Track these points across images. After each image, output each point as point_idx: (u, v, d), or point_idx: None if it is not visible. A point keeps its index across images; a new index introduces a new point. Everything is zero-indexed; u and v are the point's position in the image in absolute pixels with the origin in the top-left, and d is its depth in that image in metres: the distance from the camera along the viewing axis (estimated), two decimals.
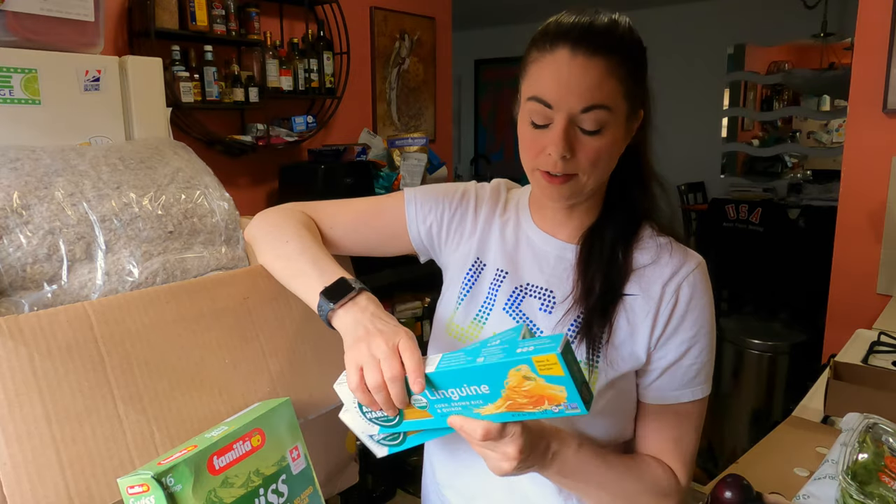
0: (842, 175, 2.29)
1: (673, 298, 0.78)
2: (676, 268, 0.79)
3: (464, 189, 0.94)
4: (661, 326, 0.79)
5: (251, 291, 0.92)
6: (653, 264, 0.80)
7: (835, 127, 5.80)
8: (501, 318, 0.85)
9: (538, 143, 0.75)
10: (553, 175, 0.75)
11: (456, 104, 6.33)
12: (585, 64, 0.70)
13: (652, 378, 0.81)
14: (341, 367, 0.72)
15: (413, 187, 0.95)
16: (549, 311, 0.83)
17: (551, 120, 0.73)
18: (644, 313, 0.79)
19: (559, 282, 0.84)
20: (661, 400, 0.81)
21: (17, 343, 0.68)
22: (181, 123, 2.38)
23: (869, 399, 1.20)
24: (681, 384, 0.80)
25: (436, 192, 0.94)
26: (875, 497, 0.86)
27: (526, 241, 0.88)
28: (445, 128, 3.73)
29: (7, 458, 0.65)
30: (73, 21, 1.28)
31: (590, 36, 0.71)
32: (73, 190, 0.92)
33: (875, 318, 1.88)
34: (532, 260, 0.87)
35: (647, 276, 0.80)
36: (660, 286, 0.79)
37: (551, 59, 0.72)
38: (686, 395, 0.80)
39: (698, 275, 0.80)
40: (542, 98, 0.72)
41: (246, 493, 0.71)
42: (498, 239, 0.89)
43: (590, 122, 0.72)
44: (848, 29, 4.11)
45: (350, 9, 2.97)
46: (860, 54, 2.18)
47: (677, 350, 0.79)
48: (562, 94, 0.71)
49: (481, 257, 0.90)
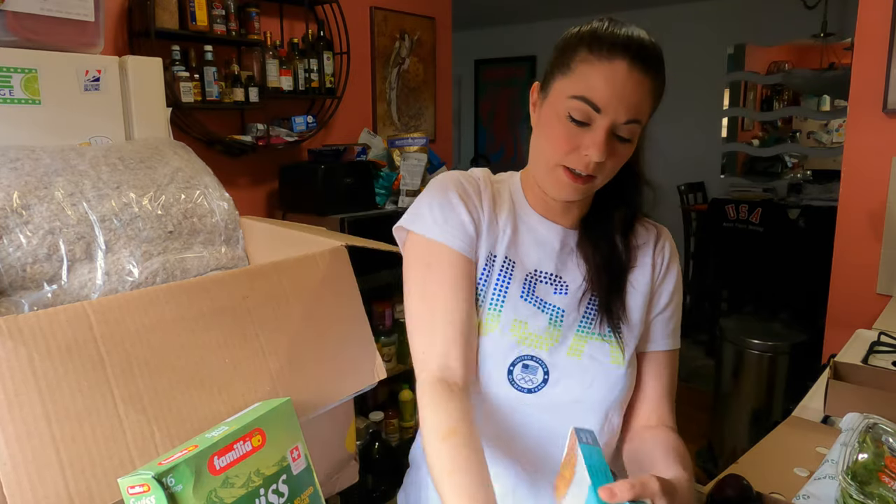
0: (842, 175, 2.28)
1: (660, 260, 0.93)
2: (656, 235, 0.94)
3: (454, 191, 0.88)
4: (655, 283, 0.92)
5: (251, 291, 0.92)
6: (641, 242, 0.93)
7: (835, 127, 5.80)
8: (517, 305, 0.87)
9: (573, 140, 0.78)
10: (577, 175, 0.80)
11: (456, 104, 6.35)
12: (640, 80, 0.76)
13: (652, 326, 0.92)
14: (341, 367, 0.72)
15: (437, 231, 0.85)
16: (564, 292, 0.89)
17: (592, 121, 0.77)
18: (644, 281, 0.91)
19: (565, 266, 0.90)
20: (654, 346, 0.93)
21: (16, 343, 0.68)
22: (181, 123, 2.38)
23: (869, 399, 1.19)
24: (666, 333, 0.93)
25: (449, 214, 0.87)
26: (875, 497, 0.86)
27: (527, 229, 0.90)
28: (445, 128, 3.73)
29: (7, 458, 0.65)
30: (73, 21, 1.28)
31: (645, 54, 0.76)
32: (73, 190, 0.92)
33: (875, 318, 1.88)
34: (536, 247, 0.89)
35: (640, 250, 0.92)
36: (650, 255, 0.92)
37: (609, 66, 0.75)
38: (670, 344, 0.93)
39: (669, 238, 0.96)
40: (592, 100, 0.76)
41: (246, 494, 0.71)
42: (500, 229, 0.90)
43: (626, 132, 0.78)
44: (848, 29, 4.11)
45: (350, 9, 2.97)
46: (860, 54, 2.18)
47: (664, 300, 0.93)
48: (613, 103, 0.76)
49: (490, 250, 0.90)
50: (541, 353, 0.86)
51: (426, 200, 0.88)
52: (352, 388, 1.01)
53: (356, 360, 1.05)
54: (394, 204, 2.76)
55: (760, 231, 3.92)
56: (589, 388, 0.87)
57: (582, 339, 0.88)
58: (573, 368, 0.87)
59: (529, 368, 0.86)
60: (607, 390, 0.87)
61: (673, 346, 0.94)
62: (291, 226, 1.29)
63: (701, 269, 4.51)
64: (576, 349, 0.87)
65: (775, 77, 5.29)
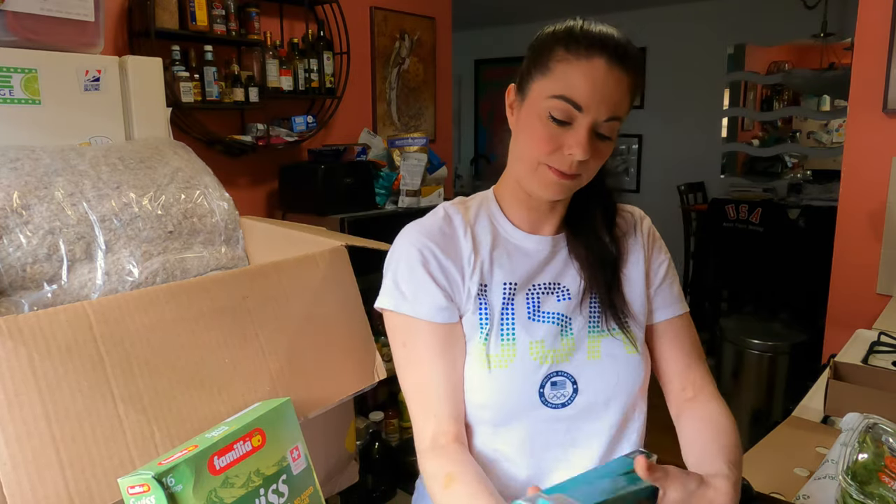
0: (842, 175, 2.28)
1: (645, 240, 0.94)
2: (633, 219, 0.96)
3: (416, 259, 0.85)
4: (648, 264, 0.94)
5: (251, 291, 0.92)
6: (625, 230, 0.94)
7: (835, 127, 5.80)
8: (529, 327, 0.86)
9: (555, 140, 0.78)
10: (563, 173, 0.79)
11: (456, 104, 6.34)
12: (620, 78, 0.76)
13: (653, 301, 0.94)
14: (341, 367, 0.72)
15: (406, 306, 0.84)
16: (567, 297, 0.89)
17: (574, 120, 0.77)
18: (639, 268, 0.93)
19: (561, 271, 0.90)
20: (665, 314, 0.94)
21: (16, 343, 0.68)
22: (181, 123, 2.38)
23: (869, 399, 1.19)
24: (671, 299, 0.95)
25: (414, 286, 0.85)
26: (875, 497, 0.86)
27: (514, 247, 0.89)
28: (445, 128, 3.73)
29: (7, 458, 0.65)
30: (73, 21, 1.28)
31: (624, 52, 0.77)
32: (73, 190, 0.92)
33: (875, 318, 1.88)
34: (529, 262, 0.89)
35: (626, 239, 0.94)
36: (637, 240, 0.94)
37: (588, 64, 0.76)
38: (678, 309, 0.95)
39: (643, 216, 0.98)
40: (573, 99, 0.76)
41: (246, 493, 0.71)
42: (488, 255, 0.88)
43: (607, 130, 0.79)
44: (848, 29, 4.11)
45: (350, 9, 2.97)
46: (860, 54, 2.18)
47: (661, 271, 0.95)
48: (594, 101, 0.76)
49: (482, 281, 0.87)
50: (565, 366, 0.86)
51: (391, 275, 0.87)
52: (352, 388, 1.01)
53: (356, 361, 1.05)
54: (394, 204, 2.76)
55: (760, 231, 3.91)
56: (616, 386, 0.87)
57: (595, 339, 0.88)
58: (596, 370, 0.87)
59: (558, 385, 0.86)
60: (632, 382, 0.88)
61: (682, 310, 0.95)
62: (291, 226, 1.29)
63: (701, 269, 4.51)
64: (593, 350, 0.88)
65: (775, 77, 5.29)
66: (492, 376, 0.85)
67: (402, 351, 0.87)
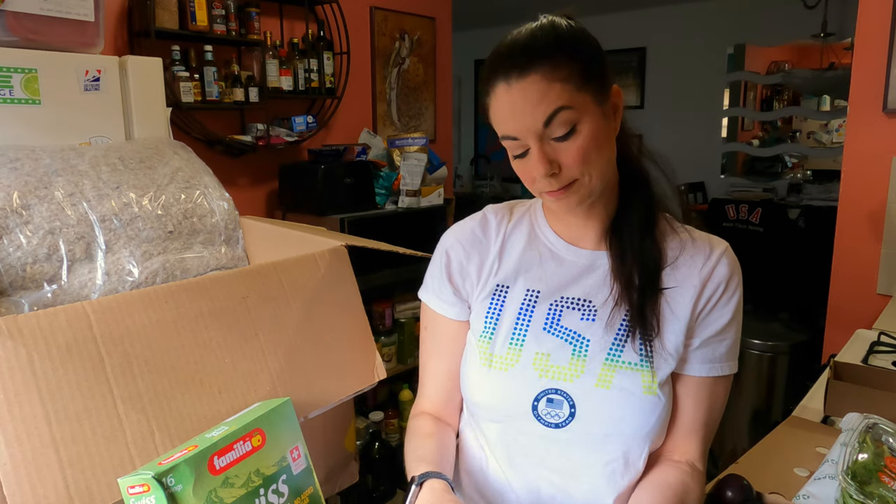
0: (842, 175, 2.28)
1: (712, 281, 0.84)
2: (707, 253, 0.85)
3: (443, 258, 0.93)
4: (702, 306, 0.84)
5: (250, 291, 0.92)
6: (683, 255, 0.85)
7: (835, 127, 5.79)
8: (540, 338, 0.85)
9: (527, 172, 0.79)
10: (554, 191, 0.79)
11: (456, 104, 6.33)
12: (522, 87, 0.73)
13: (692, 350, 0.84)
14: (341, 367, 0.72)
15: (434, 301, 0.95)
16: (592, 318, 0.84)
17: (526, 147, 0.77)
18: (686, 300, 0.83)
19: (596, 290, 0.86)
20: (700, 371, 0.85)
21: (16, 343, 0.68)
22: (181, 123, 2.38)
23: (869, 399, 1.19)
24: (715, 357, 0.85)
25: (438, 282, 0.94)
26: (875, 497, 0.86)
27: (550, 255, 0.89)
28: (445, 128, 3.73)
29: (7, 458, 0.65)
30: (73, 21, 1.28)
31: (512, 60, 0.74)
32: (73, 190, 0.92)
33: (875, 318, 1.88)
34: (562, 273, 0.87)
35: (680, 268, 0.84)
36: (697, 273, 0.84)
37: (494, 98, 0.76)
38: (717, 370, 0.85)
39: (729, 256, 0.86)
40: (507, 134, 0.77)
41: (246, 493, 0.71)
42: (517, 259, 0.89)
43: (558, 129, 0.74)
44: (848, 29, 4.11)
45: (350, 9, 2.97)
46: (860, 54, 2.18)
47: (716, 325, 0.84)
48: (518, 123, 0.75)
49: (502, 283, 0.89)
50: (565, 386, 0.82)
51: (430, 266, 0.97)
52: (352, 388, 1.01)
53: (356, 360, 1.05)
54: (394, 204, 2.76)
55: (760, 231, 3.91)
56: (621, 422, 0.81)
57: (610, 368, 0.82)
58: (600, 400, 0.81)
59: (554, 403, 0.82)
60: (641, 422, 0.81)
61: (722, 372, 0.85)
62: (291, 226, 1.29)
63: None
64: (604, 380, 0.81)
65: (775, 77, 5.28)
66: (490, 376, 0.85)
67: (422, 333, 0.98)
